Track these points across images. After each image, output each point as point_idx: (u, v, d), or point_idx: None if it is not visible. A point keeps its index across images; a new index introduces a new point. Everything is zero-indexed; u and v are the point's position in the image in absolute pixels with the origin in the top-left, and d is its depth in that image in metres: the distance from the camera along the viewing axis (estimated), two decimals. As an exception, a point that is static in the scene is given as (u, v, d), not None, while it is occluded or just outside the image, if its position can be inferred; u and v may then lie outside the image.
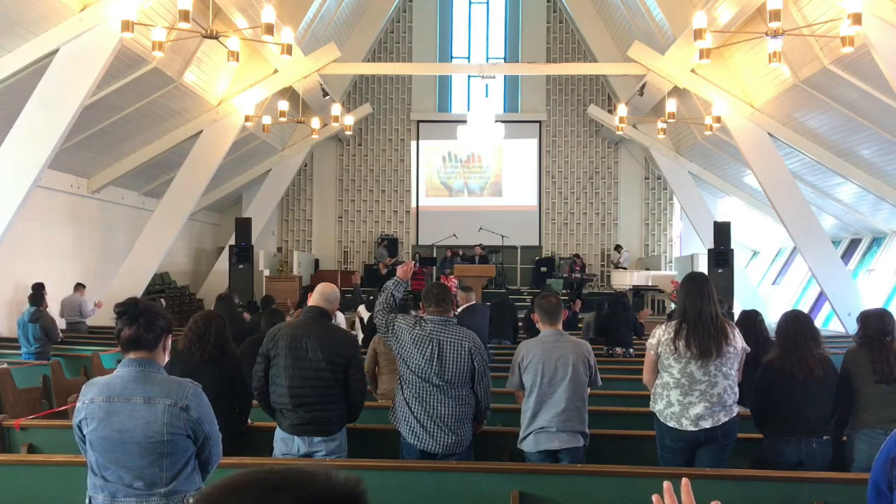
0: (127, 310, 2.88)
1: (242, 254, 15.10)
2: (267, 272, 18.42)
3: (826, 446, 4.38)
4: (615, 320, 9.07)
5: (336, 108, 14.94)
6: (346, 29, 18.49)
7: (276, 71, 14.42)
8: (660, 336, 4.31)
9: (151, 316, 2.89)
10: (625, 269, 19.27)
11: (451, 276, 15.50)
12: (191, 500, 2.84)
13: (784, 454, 4.33)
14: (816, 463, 4.30)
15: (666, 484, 1.70)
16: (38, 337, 9.02)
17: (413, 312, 5.87)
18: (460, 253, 18.85)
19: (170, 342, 3.01)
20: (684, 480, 1.71)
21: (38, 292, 9.44)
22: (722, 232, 14.78)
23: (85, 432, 2.84)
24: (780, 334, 4.55)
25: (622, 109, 14.21)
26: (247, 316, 9.61)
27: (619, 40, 18.11)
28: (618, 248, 20.08)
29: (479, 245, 18.97)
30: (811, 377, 4.34)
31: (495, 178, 21.36)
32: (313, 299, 4.55)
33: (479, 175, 21.43)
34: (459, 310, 7.86)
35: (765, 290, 19.28)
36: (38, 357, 8.86)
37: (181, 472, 2.83)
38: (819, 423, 4.37)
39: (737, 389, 4.29)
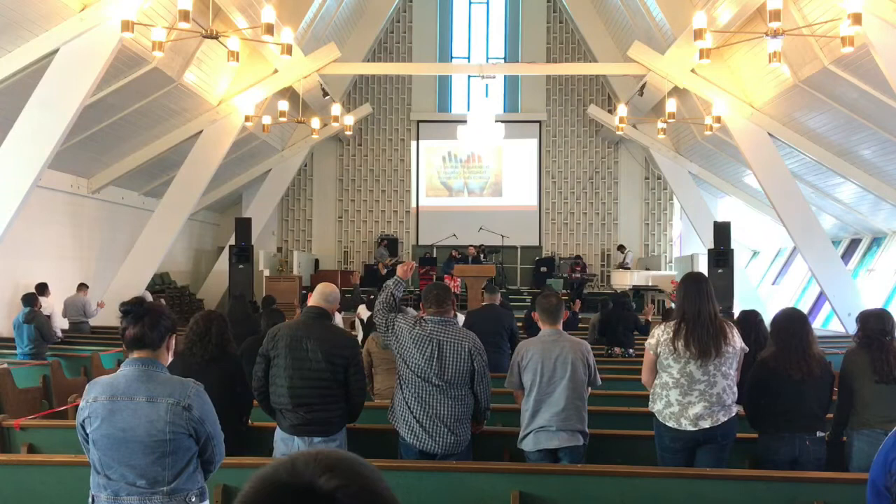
0: (132, 309, 2.89)
1: (242, 254, 15.09)
2: (267, 272, 18.41)
3: (820, 444, 4.38)
4: (614, 320, 9.08)
5: (336, 108, 14.94)
6: (346, 29, 18.48)
7: (276, 71, 14.41)
8: (659, 336, 4.31)
9: (156, 315, 2.90)
10: (629, 268, 19.23)
11: (455, 277, 15.48)
12: (193, 500, 2.85)
13: (779, 452, 4.32)
14: (811, 460, 4.30)
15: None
16: (32, 337, 9.01)
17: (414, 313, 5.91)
18: (458, 255, 18.77)
19: (174, 342, 3.01)
20: None
21: (34, 294, 9.44)
22: (722, 232, 14.76)
23: (88, 431, 2.85)
24: (777, 331, 4.51)
25: (622, 109, 14.20)
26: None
27: (619, 40, 18.10)
28: (621, 248, 20.02)
29: (473, 245, 18.78)
30: (810, 377, 4.34)
31: (495, 178, 21.35)
32: (313, 299, 4.54)
33: (479, 175, 21.42)
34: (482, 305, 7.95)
35: (765, 290, 19.27)
36: (33, 357, 8.85)
37: (183, 470, 2.85)
38: (813, 420, 4.37)
39: (735, 389, 4.29)
